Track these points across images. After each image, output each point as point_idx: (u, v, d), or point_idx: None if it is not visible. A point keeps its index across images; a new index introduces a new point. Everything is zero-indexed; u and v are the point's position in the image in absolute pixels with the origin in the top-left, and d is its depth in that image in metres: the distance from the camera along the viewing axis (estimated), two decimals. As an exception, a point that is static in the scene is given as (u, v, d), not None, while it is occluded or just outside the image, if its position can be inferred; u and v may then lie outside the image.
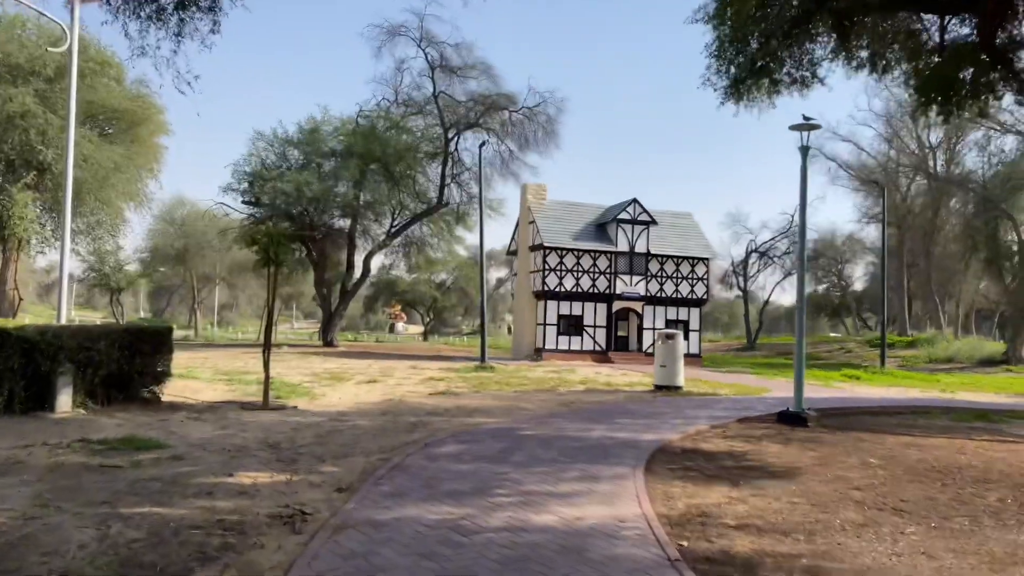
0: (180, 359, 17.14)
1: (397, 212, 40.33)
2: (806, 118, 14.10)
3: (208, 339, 56.15)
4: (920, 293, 65.69)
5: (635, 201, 34.50)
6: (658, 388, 19.40)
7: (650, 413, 14.44)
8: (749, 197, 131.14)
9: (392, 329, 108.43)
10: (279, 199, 35.93)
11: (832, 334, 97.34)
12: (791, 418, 13.57)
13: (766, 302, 67.97)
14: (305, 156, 38.83)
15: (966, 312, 60.69)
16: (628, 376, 25.59)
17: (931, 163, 55.10)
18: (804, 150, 14.27)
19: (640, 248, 34.84)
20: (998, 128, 46.03)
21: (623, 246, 34.64)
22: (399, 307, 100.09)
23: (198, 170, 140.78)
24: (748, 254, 64.29)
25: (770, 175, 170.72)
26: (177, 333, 20.30)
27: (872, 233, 75.82)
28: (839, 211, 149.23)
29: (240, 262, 55.88)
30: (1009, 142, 46.33)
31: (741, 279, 63.65)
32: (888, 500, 8.24)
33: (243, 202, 38.60)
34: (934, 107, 12.91)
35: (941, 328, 54.65)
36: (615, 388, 20.19)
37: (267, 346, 14.77)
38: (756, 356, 52.58)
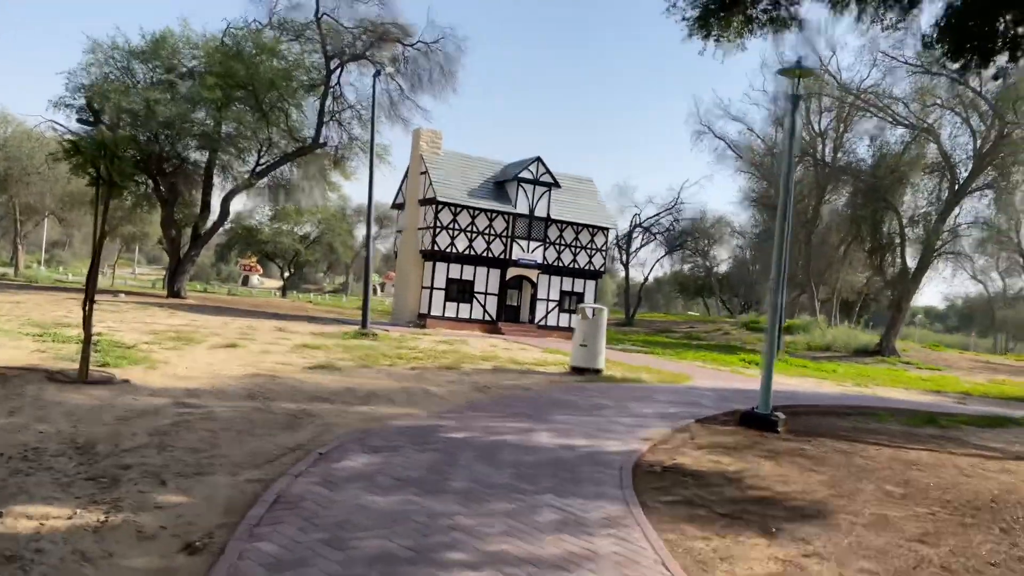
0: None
1: (264, 149, 35.86)
2: (798, 62, 11.91)
3: (30, 279, 49.16)
4: (794, 279, 67.55)
5: (539, 160, 31.96)
6: (575, 370, 17.05)
7: (589, 407, 11.97)
8: (638, 171, 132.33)
9: (246, 282, 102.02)
10: (123, 119, 30.78)
11: (690, 313, 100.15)
12: (759, 421, 11.49)
13: (646, 278, 67.85)
14: (155, 73, 33.57)
15: (841, 301, 62.75)
16: (530, 351, 23.18)
17: (819, 149, 55.95)
18: (795, 99, 12.10)
19: (540, 212, 32.40)
20: (890, 119, 46.89)
21: (522, 208, 32.07)
22: (255, 258, 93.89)
23: (26, 80, 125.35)
24: (632, 228, 63.69)
25: (661, 151, 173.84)
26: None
27: (742, 217, 77.68)
28: (725, 192, 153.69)
29: (75, 194, 48.94)
30: (899, 134, 47.27)
31: (624, 253, 62.99)
32: (972, 562, 6.14)
33: (79, 120, 32.94)
34: (959, 56, 11.00)
35: (815, 315, 55.98)
36: (526, 367, 17.66)
37: (90, 295, 11.10)
38: (636, 332, 51.91)
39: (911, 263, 45.53)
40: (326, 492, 6.13)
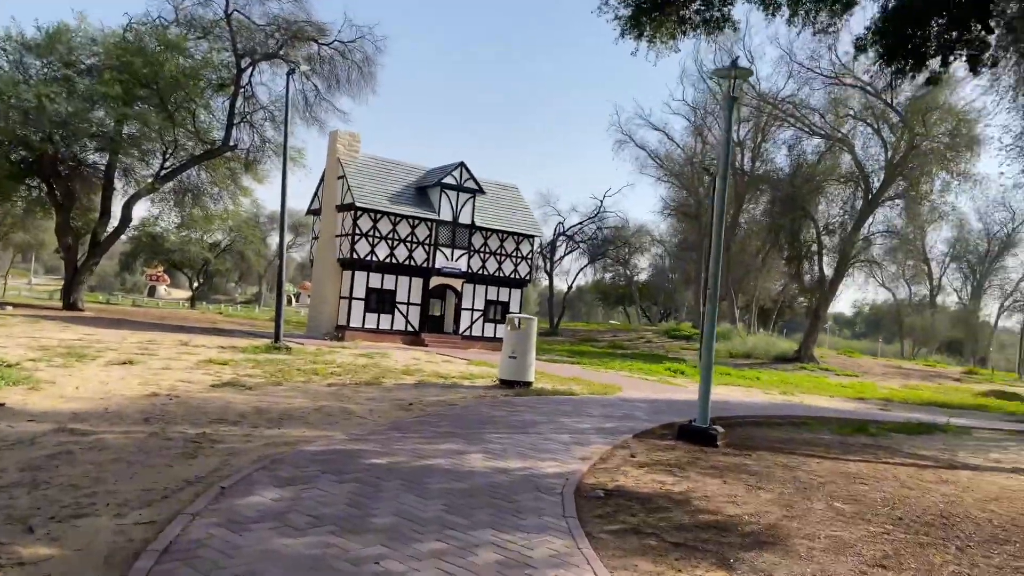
0: None
1: (170, 152, 34.06)
2: (733, 62, 11.64)
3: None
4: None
5: (462, 165, 31.31)
6: (504, 383, 16.44)
7: (521, 424, 11.36)
8: (561, 179, 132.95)
9: (152, 292, 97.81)
10: (12, 117, 28.66)
11: (612, 321, 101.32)
12: (698, 435, 11.11)
13: (570, 287, 67.96)
14: (50, 68, 31.48)
15: (758, 309, 64.19)
16: (455, 363, 22.46)
17: (738, 159, 57.16)
18: (731, 100, 11.83)
19: (464, 219, 31.75)
20: (806, 129, 48.21)
21: (446, 215, 31.33)
22: (162, 268, 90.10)
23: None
24: (556, 236, 63.70)
25: (584, 160, 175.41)
26: None
27: (662, 226, 78.81)
28: (646, 201, 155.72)
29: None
30: (815, 144, 48.61)
31: (548, 262, 62.90)
32: (940, 587, 5.79)
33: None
34: (890, 63, 10.93)
35: (735, 323, 57.04)
36: (452, 382, 16.95)
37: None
38: (560, 342, 51.77)
39: (828, 271, 46.87)
40: (229, 536, 5.31)
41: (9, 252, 62.45)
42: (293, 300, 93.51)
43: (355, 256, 29.61)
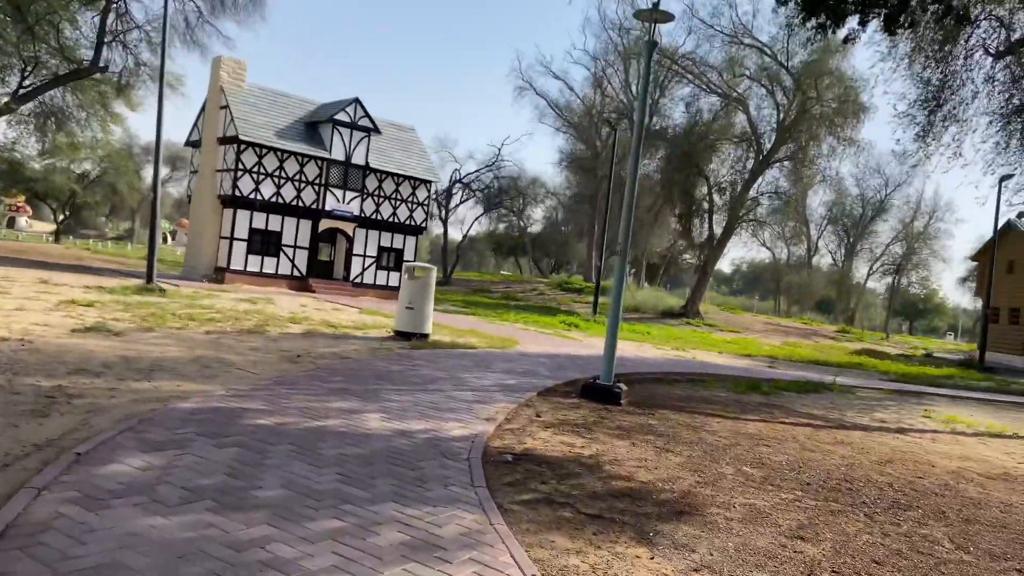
0: None
1: (30, 69, 30.90)
2: (655, 5, 11.14)
3: None
4: (605, 241, 69.72)
5: (357, 101, 29.84)
6: (399, 335, 15.75)
7: (421, 380, 10.77)
8: (459, 124, 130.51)
9: (12, 224, 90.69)
10: None
11: (503, 272, 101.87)
12: (602, 393, 10.85)
13: (465, 236, 67.21)
14: None
15: (646, 264, 65.43)
16: (345, 312, 21.54)
17: (634, 114, 57.42)
18: (651, 45, 11.35)
19: (358, 159, 30.39)
20: (703, 87, 48.84)
21: (338, 154, 29.88)
22: (23, 197, 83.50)
23: None
24: (452, 184, 62.64)
25: (483, 106, 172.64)
26: None
27: (557, 178, 79.11)
28: (543, 152, 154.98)
29: None
30: (711, 102, 49.33)
31: (443, 209, 61.84)
32: (858, 562, 5.67)
33: None
34: (810, 18, 10.69)
35: (625, 276, 57.98)
36: (343, 332, 16.11)
37: None
38: (454, 292, 51.28)
39: (717, 229, 48.07)
40: (84, 515, 4.50)
41: None
42: (169, 238, 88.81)
43: (238, 193, 27.88)
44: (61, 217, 72.50)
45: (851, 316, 79.66)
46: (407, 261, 32.80)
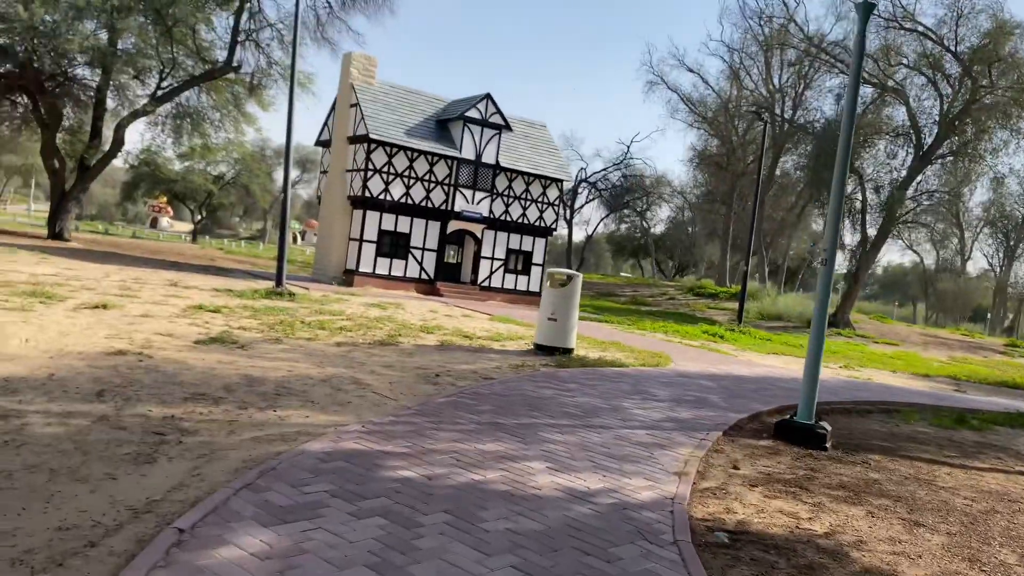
0: None
1: (168, 71, 31.43)
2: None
3: None
4: (739, 243, 66.20)
5: (488, 97, 28.67)
6: (540, 349, 14.25)
7: (579, 410, 9.18)
8: (585, 121, 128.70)
9: (154, 224, 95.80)
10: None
11: (623, 274, 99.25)
12: (802, 434, 8.94)
13: (589, 236, 65.46)
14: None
15: (790, 267, 61.65)
16: (476, 319, 20.30)
17: (777, 107, 54.03)
18: (867, 7, 9.35)
19: (488, 158, 29.22)
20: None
21: (468, 153, 28.81)
22: (164, 199, 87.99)
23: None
24: (578, 183, 61.02)
25: (611, 102, 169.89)
26: None
27: (683, 176, 75.77)
28: (672, 149, 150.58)
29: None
30: (866, 93, 45.46)
31: (568, 210, 60.32)
32: None
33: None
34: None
35: (764, 282, 54.65)
36: (479, 344, 14.77)
37: None
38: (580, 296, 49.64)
39: (871, 231, 44.27)
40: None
41: (2, 175, 59.92)
42: (298, 238, 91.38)
43: (367, 194, 27.23)
44: (198, 217, 75.57)
45: (1010, 327, 72.70)
46: (536, 263, 31.44)
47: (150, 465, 5.46)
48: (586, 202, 60.85)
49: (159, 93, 31.60)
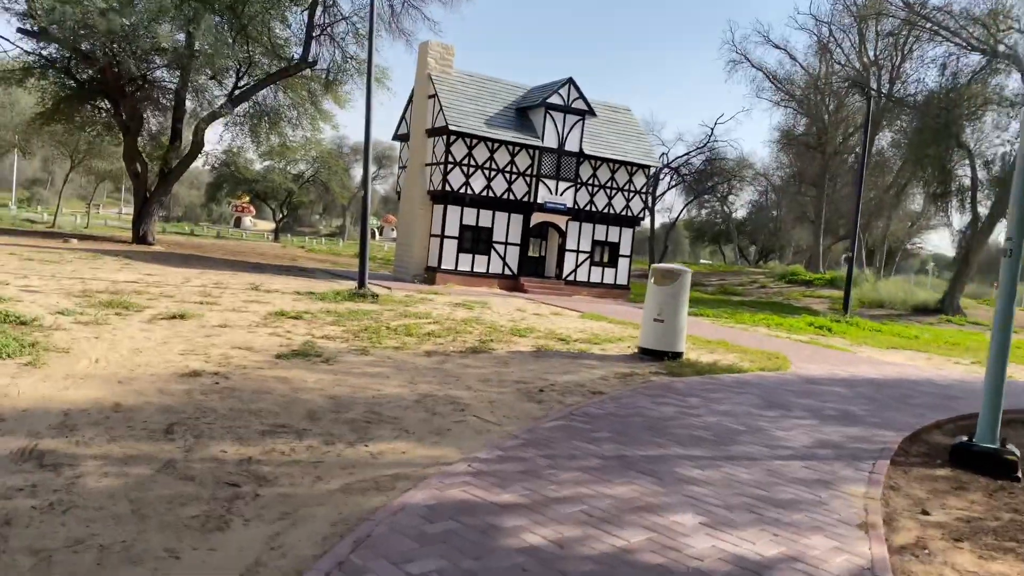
0: None
1: (244, 70, 31.20)
2: None
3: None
4: (830, 226, 63.09)
5: (571, 82, 27.36)
6: (645, 353, 12.95)
7: (712, 434, 7.88)
8: (665, 104, 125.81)
9: (238, 224, 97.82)
10: (72, 28, 26.14)
11: (704, 261, 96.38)
12: (985, 462, 7.44)
13: (673, 223, 63.42)
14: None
15: (888, 250, 58.28)
16: (567, 317, 19.10)
17: (872, 81, 50.86)
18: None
19: (572, 146, 27.93)
20: (963, 44, 41.84)
21: (550, 141, 27.58)
22: (247, 198, 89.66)
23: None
24: (660, 169, 58.98)
25: (692, 83, 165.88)
26: None
27: (765, 159, 72.30)
28: (755, 131, 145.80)
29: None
30: (973, 61, 42.21)
31: (650, 196, 58.38)
32: None
33: (19, 31, 28.32)
34: None
35: (862, 267, 51.68)
36: (576, 348, 13.57)
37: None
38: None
39: (982, 211, 41.07)
40: None
41: (92, 180, 61.52)
42: (376, 234, 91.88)
43: (448, 188, 26.31)
44: (280, 216, 76.56)
45: None
46: (623, 255, 29.98)
47: (221, 533, 4.44)
48: (668, 188, 58.75)
49: (236, 93, 31.41)
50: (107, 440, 5.92)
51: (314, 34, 30.11)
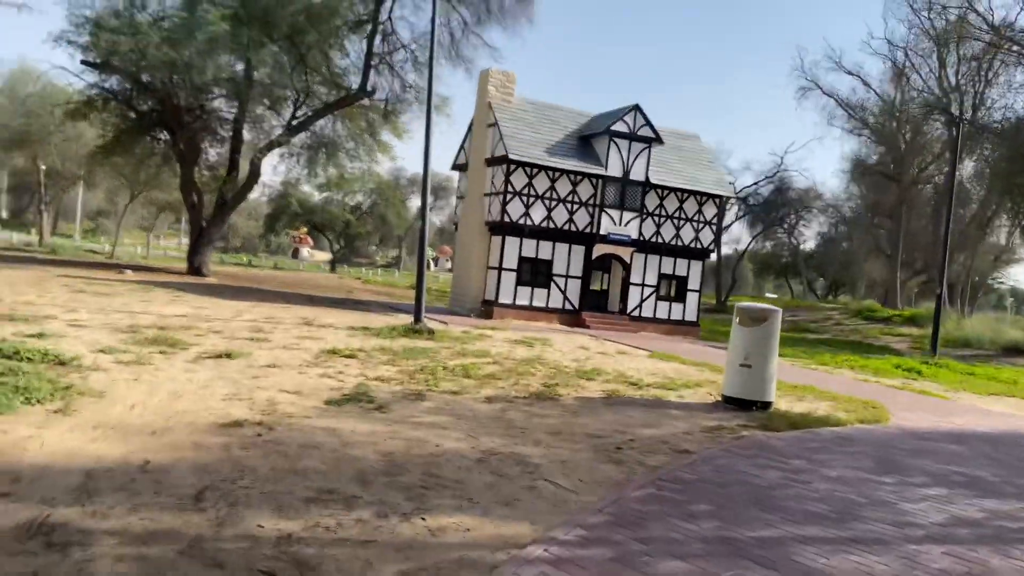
0: None
1: (302, 99, 31.20)
2: None
3: (53, 250, 45.91)
4: (907, 259, 60.67)
5: (637, 109, 26.55)
6: (730, 402, 11.88)
7: (827, 506, 6.81)
8: (732, 133, 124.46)
9: (295, 254, 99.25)
10: (133, 59, 26.40)
11: (769, 295, 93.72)
12: None
13: (741, 256, 61.78)
14: (168, 5, 29.02)
15: (970, 286, 55.58)
16: (633, 357, 18.08)
17: (954, 107, 48.90)
18: None
19: (637, 175, 27.04)
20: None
21: (615, 170, 26.74)
22: (305, 230, 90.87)
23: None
24: (727, 199, 57.58)
25: (760, 111, 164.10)
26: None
27: (835, 188, 69.73)
28: (825, 160, 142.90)
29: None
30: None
31: (717, 227, 57.01)
32: None
33: (82, 63, 28.79)
34: None
35: (944, 303, 49.28)
36: (651, 393, 12.56)
37: None
38: (731, 320, 46.35)
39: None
40: None
41: (153, 211, 62.86)
42: (431, 264, 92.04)
43: (507, 219, 25.62)
44: (336, 247, 77.16)
45: None
46: (691, 289, 28.81)
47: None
48: (736, 219, 57.27)
49: (294, 123, 31.40)
50: (128, 510, 5.18)
51: (373, 63, 30.00)
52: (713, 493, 6.89)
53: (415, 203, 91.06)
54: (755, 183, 55.80)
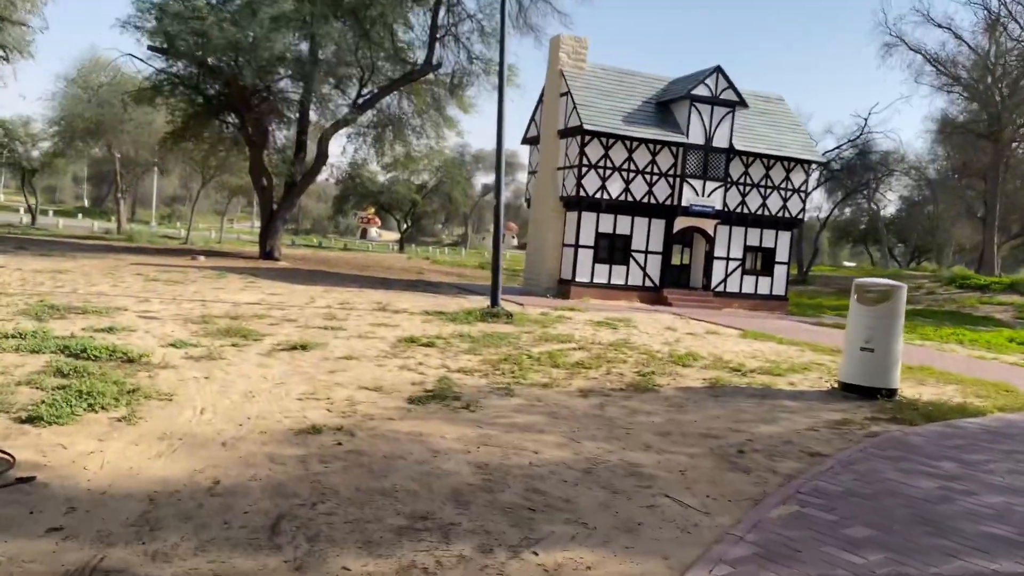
0: None
1: (368, 76, 30.56)
2: None
3: (129, 237, 46.73)
4: (1004, 223, 57.30)
5: (719, 71, 25.05)
6: (848, 389, 10.72)
7: (1009, 527, 5.73)
8: (813, 95, 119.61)
9: (364, 235, 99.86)
10: (198, 44, 26.10)
11: (847, 264, 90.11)
12: None
13: (823, 224, 59.23)
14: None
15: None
16: (724, 336, 16.94)
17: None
18: None
19: (720, 142, 25.60)
20: None
21: (696, 137, 25.35)
22: (372, 210, 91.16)
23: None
24: (819, 163, 55.01)
25: (840, 71, 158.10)
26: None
27: (919, 150, 65.72)
28: (907, 120, 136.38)
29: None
30: None
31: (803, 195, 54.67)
32: None
33: (149, 48, 28.68)
34: None
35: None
36: (756, 381, 11.47)
37: None
38: (818, 293, 44.43)
39: None
40: None
41: (225, 195, 63.55)
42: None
43: (582, 193, 24.55)
44: (404, 226, 77.09)
45: None
46: (779, 261, 27.32)
47: None
48: (818, 184, 54.75)
49: (360, 101, 30.83)
50: (194, 549, 4.45)
51: (438, 35, 29.15)
52: (866, 509, 5.86)
53: (480, 180, 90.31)
54: (837, 146, 53.12)
